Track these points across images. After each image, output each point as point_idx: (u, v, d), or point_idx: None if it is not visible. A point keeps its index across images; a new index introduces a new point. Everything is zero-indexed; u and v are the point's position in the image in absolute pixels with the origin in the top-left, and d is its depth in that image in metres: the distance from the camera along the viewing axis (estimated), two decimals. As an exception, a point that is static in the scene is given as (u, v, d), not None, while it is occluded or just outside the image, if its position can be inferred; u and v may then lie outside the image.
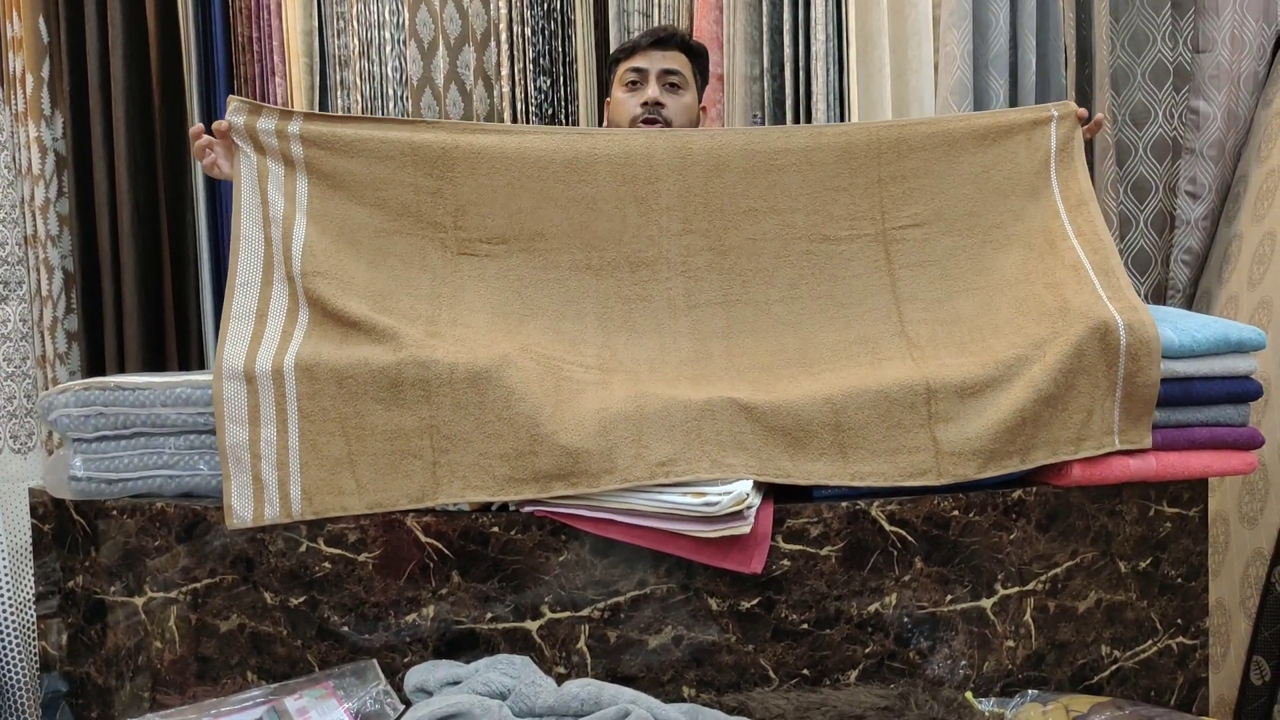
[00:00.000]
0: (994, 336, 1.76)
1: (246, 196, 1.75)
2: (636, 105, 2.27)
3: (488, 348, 1.68)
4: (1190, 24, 2.61)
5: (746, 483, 1.57)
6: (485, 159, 1.83)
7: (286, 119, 1.77)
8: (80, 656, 1.75)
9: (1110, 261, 1.77)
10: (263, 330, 1.69)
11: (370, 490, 1.64)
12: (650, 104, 2.25)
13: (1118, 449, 1.68)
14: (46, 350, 2.87)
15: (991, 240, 1.88)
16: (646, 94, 2.26)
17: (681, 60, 2.31)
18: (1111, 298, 1.71)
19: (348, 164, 1.78)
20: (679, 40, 2.33)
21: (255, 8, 2.84)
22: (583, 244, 1.86)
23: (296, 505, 1.64)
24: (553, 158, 1.85)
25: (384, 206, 1.80)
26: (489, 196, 1.83)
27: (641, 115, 2.25)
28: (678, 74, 2.29)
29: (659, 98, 2.26)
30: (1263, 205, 2.45)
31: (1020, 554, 1.69)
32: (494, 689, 1.46)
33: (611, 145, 1.88)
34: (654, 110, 2.25)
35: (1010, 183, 1.89)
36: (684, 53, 2.32)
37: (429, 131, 1.83)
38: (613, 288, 1.85)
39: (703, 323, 1.84)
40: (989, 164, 1.90)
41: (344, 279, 1.72)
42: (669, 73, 2.28)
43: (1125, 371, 1.66)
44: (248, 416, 1.65)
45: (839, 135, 1.91)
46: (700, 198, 1.88)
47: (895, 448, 1.65)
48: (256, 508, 1.64)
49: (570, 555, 1.65)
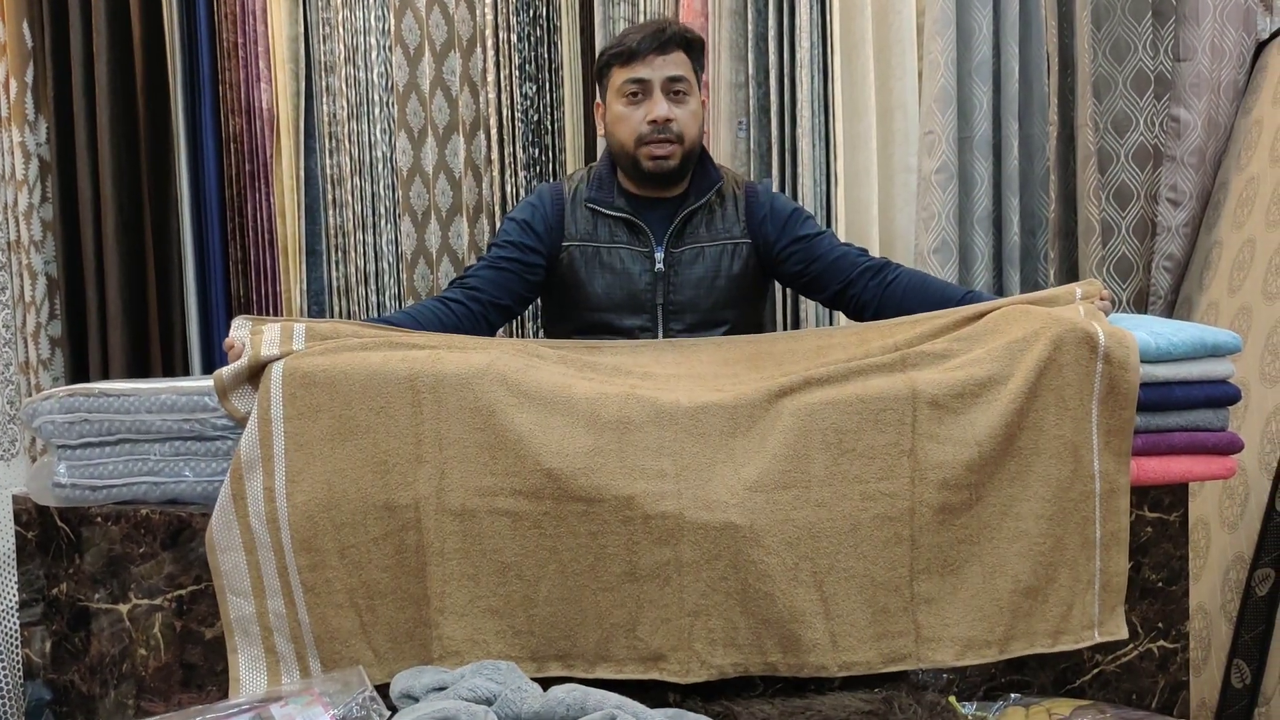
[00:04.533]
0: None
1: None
2: (643, 123, 2.09)
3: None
4: (1171, 33, 2.64)
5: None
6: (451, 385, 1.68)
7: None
8: (64, 664, 1.74)
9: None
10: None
11: (390, 660, 1.66)
12: (660, 122, 2.08)
13: (1097, 641, 1.67)
14: (30, 356, 2.85)
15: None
16: (654, 111, 2.08)
17: (683, 61, 2.12)
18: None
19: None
20: (679, 38, 2.13)
21: (240, 13, 2.84)
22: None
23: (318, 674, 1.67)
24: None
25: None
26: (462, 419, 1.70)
27: (650, 135, 2.09)
28: (683, 80, 2.11)
29: (668, 113, 2.09)
30: (1243, 212, 2.47)
31: (1003, 559, 1.70)
32: (479, 695, 1.46)
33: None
34: (664, 129, 2.09)
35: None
36: (684, 49, 2.13)
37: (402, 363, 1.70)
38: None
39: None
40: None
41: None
42: (674, 80, 2.10)
43: (1101, 564, 1.67)
44: (250, 588, 1.67)
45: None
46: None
47: (880, 633, 1.63)
48: (272, 679, 1.66)
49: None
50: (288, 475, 1.64)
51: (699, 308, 2.18)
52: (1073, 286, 1.85)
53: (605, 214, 2.18)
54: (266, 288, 2.88)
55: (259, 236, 2.87)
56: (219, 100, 2.86)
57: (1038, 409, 1.65)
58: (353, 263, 2.90)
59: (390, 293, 2.93)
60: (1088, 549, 1.67)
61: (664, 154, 2.10)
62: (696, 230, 2.19)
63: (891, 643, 1.63)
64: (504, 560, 1.62)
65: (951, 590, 1.64)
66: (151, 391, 1.70)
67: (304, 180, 2.88)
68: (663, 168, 2.12)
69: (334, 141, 2.89)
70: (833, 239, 2.22)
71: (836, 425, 1.64)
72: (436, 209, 2.97)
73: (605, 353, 1.90)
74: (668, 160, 2.11)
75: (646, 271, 2.17)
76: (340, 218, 2.90)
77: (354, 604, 1.65)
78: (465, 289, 2.10)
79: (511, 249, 2.15)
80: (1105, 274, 2.67)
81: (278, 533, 1.64)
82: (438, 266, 2.98)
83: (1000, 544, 1.65)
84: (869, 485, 1.63)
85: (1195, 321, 2.29)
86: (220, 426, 1.71)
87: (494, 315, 2.13)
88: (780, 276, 2.27)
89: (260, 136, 2.86)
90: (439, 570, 1.62)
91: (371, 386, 1.65)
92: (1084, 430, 1.66)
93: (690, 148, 2.14)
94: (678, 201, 2.19)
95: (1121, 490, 1.67)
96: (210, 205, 2.88)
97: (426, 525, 1.62)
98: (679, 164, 2.13)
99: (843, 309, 2.20)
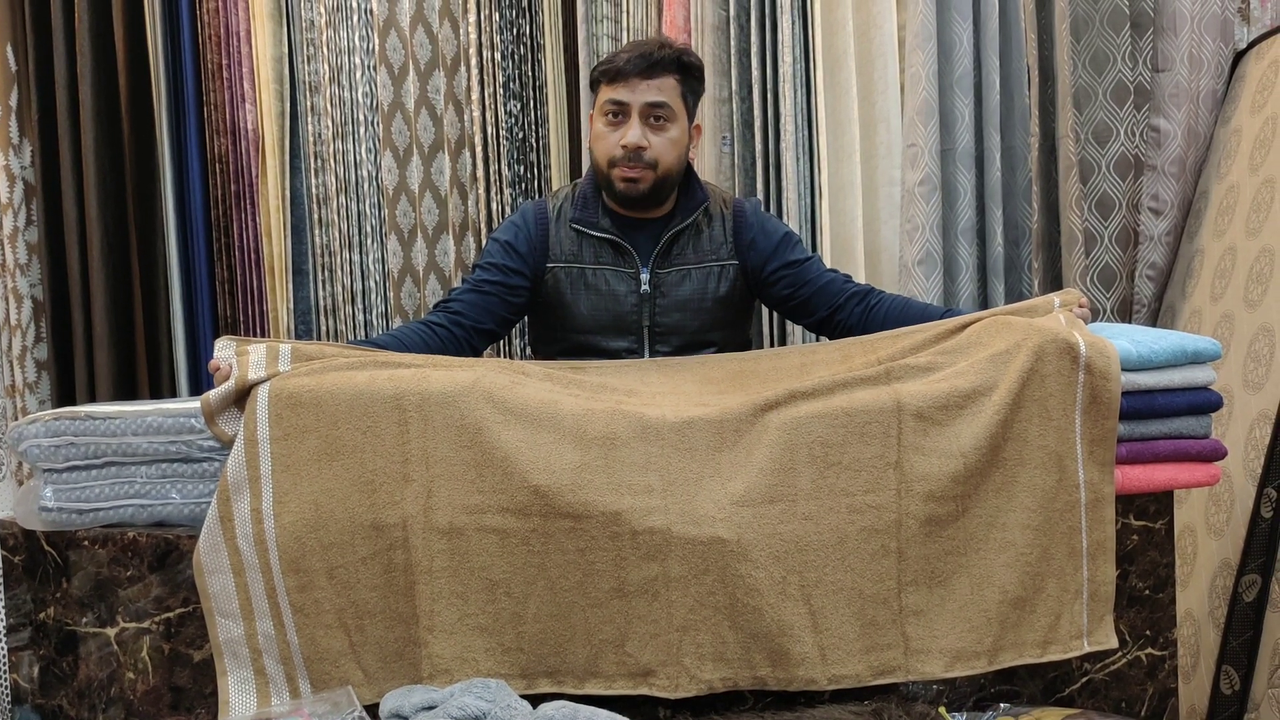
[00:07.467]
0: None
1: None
2: (616, 146, 2.08)
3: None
4: (1149, 44, 2.66)
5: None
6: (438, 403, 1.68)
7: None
8: (52, 689, 1.73)
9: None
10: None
11: (379, 679, 1.66)
12: (630, 149, 2.06)
13: (1086, 650, 1.68)
14: (16, 379, 2.85)
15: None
16: (627, 137, 2.06)
17: (670, 86, 2.09)
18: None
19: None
20: (670, 61, 2.08)
21: (224, 34, 2.84)
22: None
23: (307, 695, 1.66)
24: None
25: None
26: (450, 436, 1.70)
27: (621, 159, 2.08)
28: (664, 107, 2.07)
29: (640, 140, 2.06)
30: (1223, 221, 2.49)
31: (990, 569, 1.70)
32: (469, 713, 1.46)
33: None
34: (635, 156, 2.07)
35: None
36: (676, 73, 2.09)
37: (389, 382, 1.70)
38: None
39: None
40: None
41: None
42: (655, 106, 2.07)
43: (1089, 573, 1.67)
44: (239, 610, 1.66)
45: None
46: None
47: (869, 646, 1.63)
48: (261, 701, 1.66)
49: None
50: (275, 496, 1.64)
51: (685, 330, 2.18)
52: (1051, 296, 1.86)
53: (590, 234, 2.17)
54: (253, 308, 2.88)
55: (245, 256, 2.87)
56: (204, 121, 2.87)
57: (1022, 420, 1.66)
58: (339, 282, 2.90)
59: (377, 311, 2.93)
60: (1074, 559, 1.67)
61: (634, 176, 2.09)
62: (683, 251, 2.18)
63: (880, 655, 1.63)
64: (492, 577, 1.62)
65: (940, 602, 1.65)
66: (137, 414, 1.70)
67: (290, 200, 2.88)
68: (632, 191, 2.10)
69: (319, 161, 2.89)
70: (820, 263, 2.23)
71: (822, 439, 1.64)
72: (423, 227, 2.98)
73: (591, 372, 1.90)
74: (637, 184, 2.09)
75: (632, 293, 2.16)
76: (326, 237, 2.90)
77: (343, 624, 1.65)
78: (449, 313, 2.10)
79: (494, 271, 2.15)
80: (1089, 283, 2.69)
81: (265, 554, 1.63)
82: (424, 285, 2.99)
83: (987, 555, 1.66)
84: (855, 498, 1.63)
85: (1179, 329, 2.31)
86: (207, 448, 1.70)
87: (477, 340, 2.13)
88: (767, 299, 2.27)
89: (245, 157, 2.86)
90: (427, 589, 1.62)
91: (358, 406, 1.65)
92: (1068, 440, 1.66)
93: (665, 174, 2.11)
94: (663, 222, 2.19)
95: (1106, 499, 1.67)
96: (196, 226, 2.88)
97: (414, 544, 1.62)
98: (649, 189, 2.11)
99: (828, 333, 2.21)
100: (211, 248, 2.90)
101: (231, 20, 2.84)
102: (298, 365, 1.71)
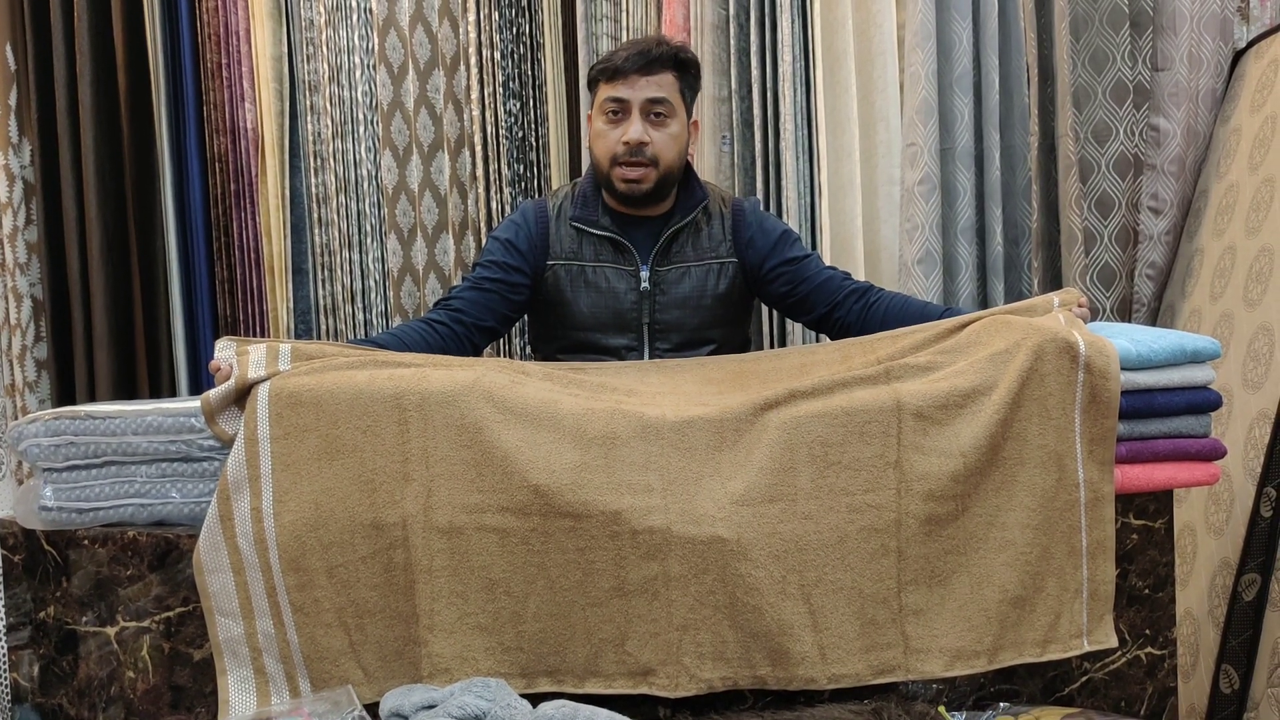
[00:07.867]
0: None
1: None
2: (618, 143, 2.09)
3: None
4: (1149, 43, 2.66)
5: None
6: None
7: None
8: (52, 688, 1.73)
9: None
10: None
11: (379, 678, 1.66)
12: (633, 144, 2.07)
13: (1085, 649, 1.68)
14: (15, 379, 2.85)
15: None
16: (629, 133, 2.08)
17: (669, 82, 2.10)
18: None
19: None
20: (667, 58, 2.10)
21: (224, 34, 2.84)
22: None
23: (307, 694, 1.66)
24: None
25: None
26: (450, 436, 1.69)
27: (623, 156, 2.08)
28: (664, 103, 2.09)
29: (642, 136, 2.07)
30: (1223, 220, 2.49)
31: (990, 568, 1.71)
32: (469, 713, 1.46)
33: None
34: (638, 152, 2.08)
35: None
36: (673, 70, 2.11)
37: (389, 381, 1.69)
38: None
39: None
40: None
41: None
42: (655, 102, 2.08)
43: (1088, 572, 1.67)
44: (239, 609, 1.66)
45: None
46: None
47: (868, 645, 1.63)
48: (261, 700, 1.65)
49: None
50: (275, 495, 1.64)
51: (685, 327, 2.18)
52: (1050, 295, 1.86)
53: (590, 232, 2.18)
54: (253, 307, 2.88)
55: (245, 256, 2.87)
56: (203, 120, 2.87)
57: (1021, 419, 1.66)
58: (339, 281, 2.90)
59: (377, 310, 2.93)
60: (1074, 558, 1.67)
61: (636, 177, 2.10)
62: (683, 249, 2.19)
63: (880, 654, 1.63)
64: (492, 577, 1.62)
65: (939, 601, 1.65)
66: (137, 413, 1.70)
67: (289, 199, 2.88)
68: (634, 191, 2.11)
69: (319, 160, 2.89)
70: (818, 261, 2.23)
71: (822, 438, 1.64)
72: (422, 226, 2.98)
73: (590, 372, 1.91)
74: (639, 184, 2.10)
75: (632, 290, 2.17)
76: (326, 236, 2.90)
77: (343, 623, 1.65)
78: (449, 310, 2.10)
79: (495, 269, 2.15)
80: (1089, 283, 2.68)
81: (265, 553, 1.63)
82: (424, 284, 2.99)
83: (987, 554, 1.66)
84: (855, 497, 1.63)
85: (1178, 328, 2.31)
86: (207, 447, 1.70)
87: (478, 337, 2.13)
88: (765, 296, 2.27)
89: (245, 156, 2.86)
90: (427, 588, 1.62)
91: (358, 405, 1.65)
92: (1067, 439, 1.66)
93: (666, 171, 2.12)
94: (663, 220, 2.19)
95: (1106, 498, 1.67)
96: (196, 225, 2.88)
97: (414, 543, 1.62)
98: (653, 187, 2.12)
99: (826, 331, 2.22)
100: (211, 247, 2.90)
101: (231, 19, 2.84)
102: (298, 364, 1.71)
